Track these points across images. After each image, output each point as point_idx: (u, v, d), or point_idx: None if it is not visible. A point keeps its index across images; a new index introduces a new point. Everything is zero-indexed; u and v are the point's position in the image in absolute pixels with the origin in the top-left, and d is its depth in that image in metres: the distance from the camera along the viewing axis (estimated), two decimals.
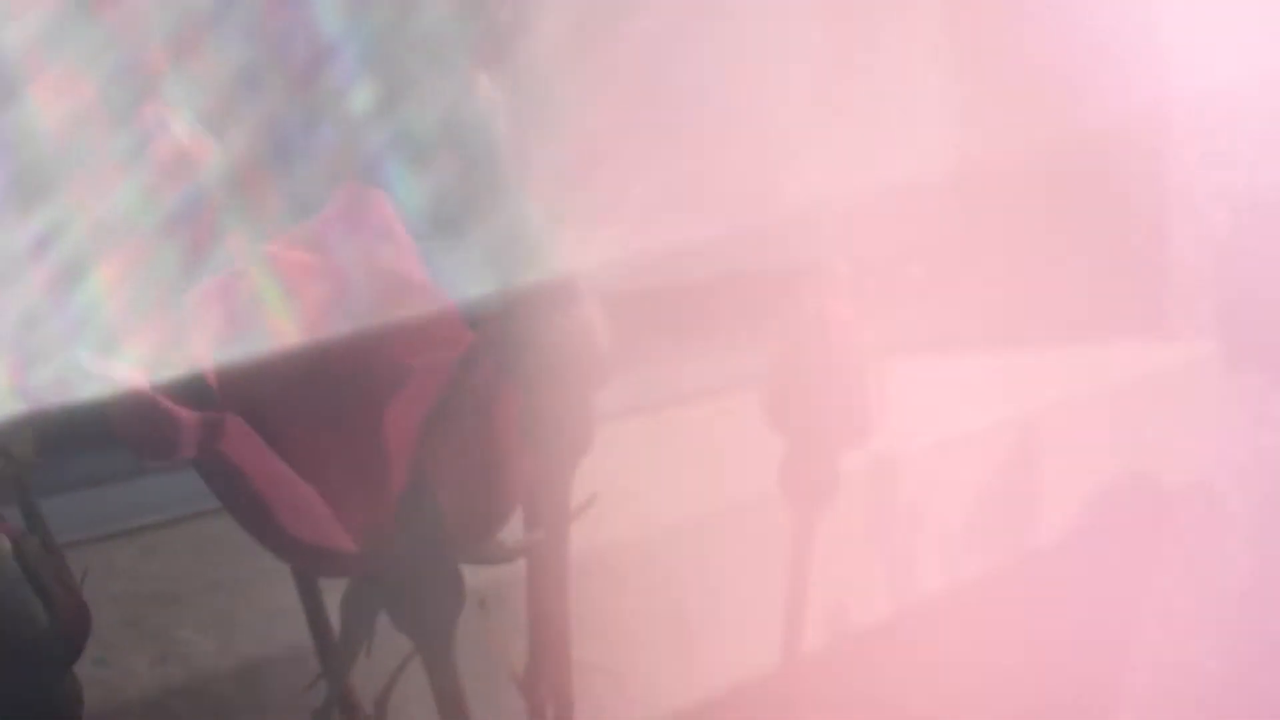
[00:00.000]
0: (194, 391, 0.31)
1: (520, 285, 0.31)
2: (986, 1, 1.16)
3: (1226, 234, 1.21)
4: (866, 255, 0.61)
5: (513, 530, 0.36)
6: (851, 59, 1.14)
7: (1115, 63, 1.13)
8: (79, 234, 0.54)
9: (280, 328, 0.32)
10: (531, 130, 0.34)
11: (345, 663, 0.34)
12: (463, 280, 0.33)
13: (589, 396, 0.33)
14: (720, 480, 0.74)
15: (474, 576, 0.35)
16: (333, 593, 0.38)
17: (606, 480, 0.35)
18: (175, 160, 0.36)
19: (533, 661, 0.38)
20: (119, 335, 0.32)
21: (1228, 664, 1.15)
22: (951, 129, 1.22)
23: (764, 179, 1.15)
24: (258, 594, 0.58)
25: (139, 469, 0.67)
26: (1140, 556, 1.11)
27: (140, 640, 0.55)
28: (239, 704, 0.54)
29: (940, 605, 0.86)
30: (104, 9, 0.59)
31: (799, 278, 0.41)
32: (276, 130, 0.62)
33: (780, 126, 1.16)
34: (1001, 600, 0.93)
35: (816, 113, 1.14)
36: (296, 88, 0.65)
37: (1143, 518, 1.09)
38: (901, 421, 0.59)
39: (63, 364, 0.32)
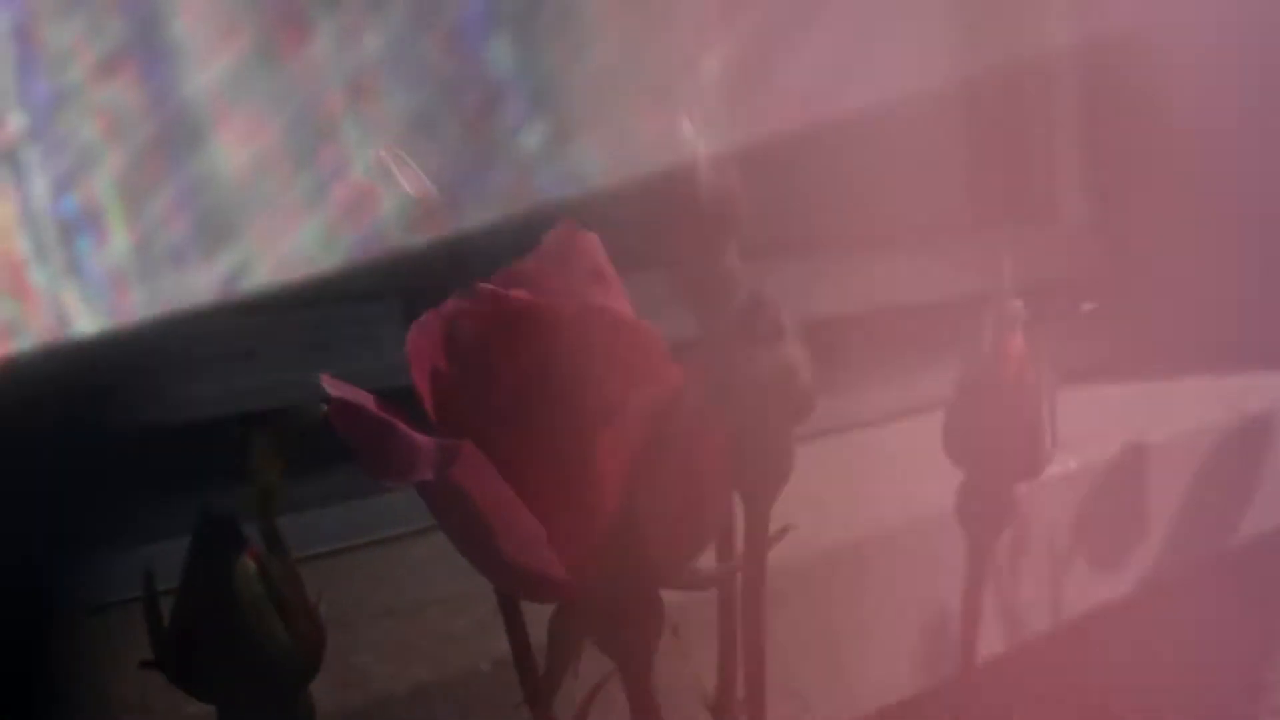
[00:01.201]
0: (416, 420, 0.34)
1: (725, 321, 0.34)
2: None
3: None
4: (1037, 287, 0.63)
5: (706, 559, 0.39)
6: None
7: None
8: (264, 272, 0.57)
9: (499, 362, 0.34)
10: (728, 168, 0.37)
11: (553, 682, 0.37)
12: (670, 316, 0.35)
13: (790, 430, 0.35)
14: (897, 502, 0.76)
15: (668, 606, 0.37)
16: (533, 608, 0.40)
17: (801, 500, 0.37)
18: (418, 203, 0.38)
19: (723, 686, 0.40)
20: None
21: None
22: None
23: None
24: (429, 621, 0.60)
25: (306, 500, 0.69)
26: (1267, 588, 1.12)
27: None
28: None
29: (1092, 626, 0.87)
30: (285, 56, 0.62)
31: (977, 310, 0.43)
32: (452, 171, 0.65)
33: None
34: (1151, 620, 0.94)
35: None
36: (470, 130, 0.68)
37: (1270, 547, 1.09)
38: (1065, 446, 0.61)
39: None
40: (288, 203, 0.61)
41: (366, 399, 0.34)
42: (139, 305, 0.61)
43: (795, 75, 1.12)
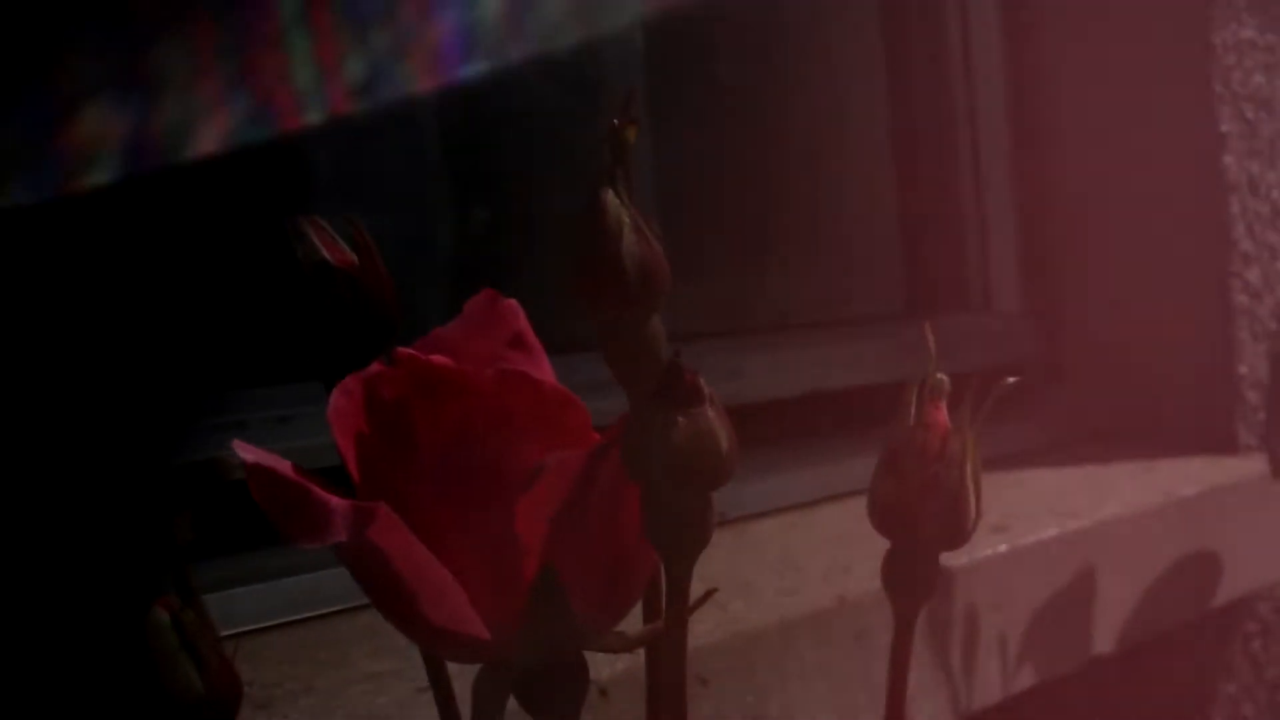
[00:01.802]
0: (338, 482, 0.34)
1: (646, 386, 0.34)
2: None
3: None
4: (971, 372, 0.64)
5: (632, 621, 0.39)
6: None
7: None
8: None
9: (420, 426, 0.35)
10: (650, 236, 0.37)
11: None
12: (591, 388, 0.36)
13: (709, 496, 0.35)
14: (827, 583, 0.77)
15: (595, 667, 0.37)
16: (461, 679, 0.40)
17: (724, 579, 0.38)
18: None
19: None
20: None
21: None
22: None
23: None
24: (350, 700, 0.60)
25: (227, 579, 0.69)
26: (1207, 665, 1.13)
27: None
28: None
29: (1027, 707, 0.88)
30: None
31: (903, 386, 0.44)
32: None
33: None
34: (1066, 707, 0.95)
35: None
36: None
37: (1209, 626, 1.11)
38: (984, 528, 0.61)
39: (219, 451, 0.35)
40: None
41: (282, 464, 0.34)
42: None
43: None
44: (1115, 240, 1.26)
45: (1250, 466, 1.16)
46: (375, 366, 0.36)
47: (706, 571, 0.38)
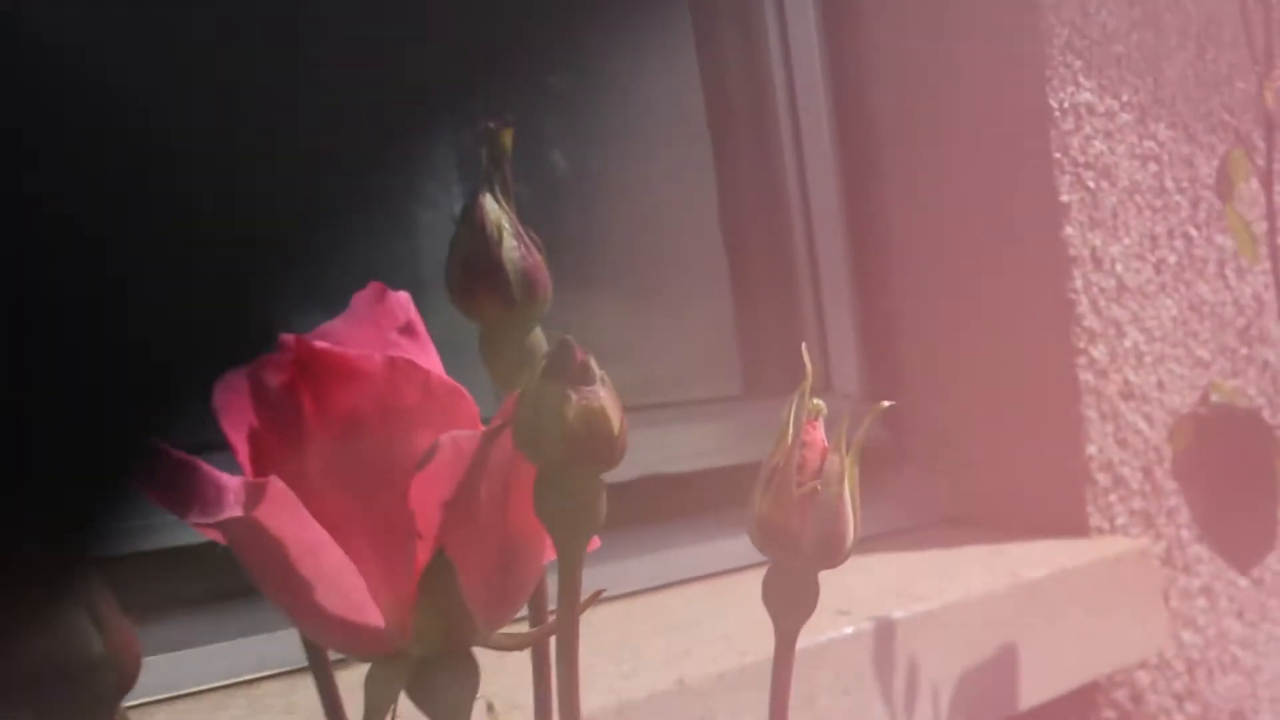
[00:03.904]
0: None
1: (536, 367, 0.37)
2: None
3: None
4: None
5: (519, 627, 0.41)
6: None
7: None
8: None
9: (308, 412, 0.37)
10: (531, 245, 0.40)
11: None
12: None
13: (599, 475, 0.38)
14: (654, 667, 0.79)
15: (484, 683, 0.40)
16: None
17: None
18: None
19: None
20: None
21: None
22: None
23: None
24: None
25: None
26: None
27: None
28: None
29: None
30: None
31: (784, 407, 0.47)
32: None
33: None
34: None
35: None
36: None
37: (1065, 713, 1.14)
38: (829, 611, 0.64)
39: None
40: None
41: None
42: None
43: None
44: (956, 319, 1.30)
45: (1101, 549, 1.21)
46: (260, 357, 0.38)
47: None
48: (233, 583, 0.80)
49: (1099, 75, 1.28)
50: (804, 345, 0.47)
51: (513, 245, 0.41)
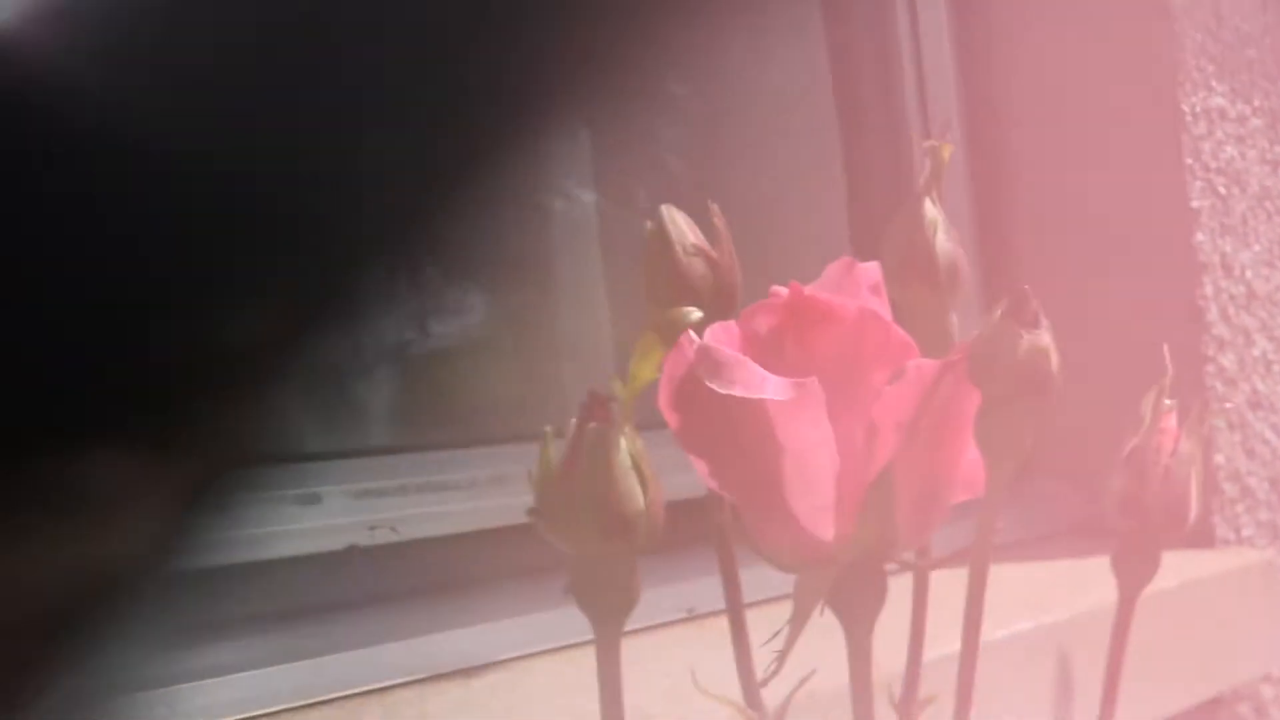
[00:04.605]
0: None
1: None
2: None
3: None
4: None
5: None
6: None
7: None
8: None
9: (789, 347, 0.47)
10: None
11: (793, 636, 0.50)
12: None
13: (1036, 412, 0.48)
14: None
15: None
16: None
17: None
18: None
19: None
20: None
21: None
22: None
23: None
24: None
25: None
26: None
27: None
28: None
29: None
30: None
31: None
32: None
33: None
34: None
35: None
36: None
37: None
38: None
39: None
40: None
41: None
42: None
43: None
44: (1086, 325, 1.36)
45: (1227, 560, 1.27)
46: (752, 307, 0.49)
47: None
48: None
49: (1231, 80, 1.35)
50: (1165, 346, 0.57)
51: (945, 239, 0.53)
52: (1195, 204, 1.32)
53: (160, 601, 0.65)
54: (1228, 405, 0.62)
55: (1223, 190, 1.34)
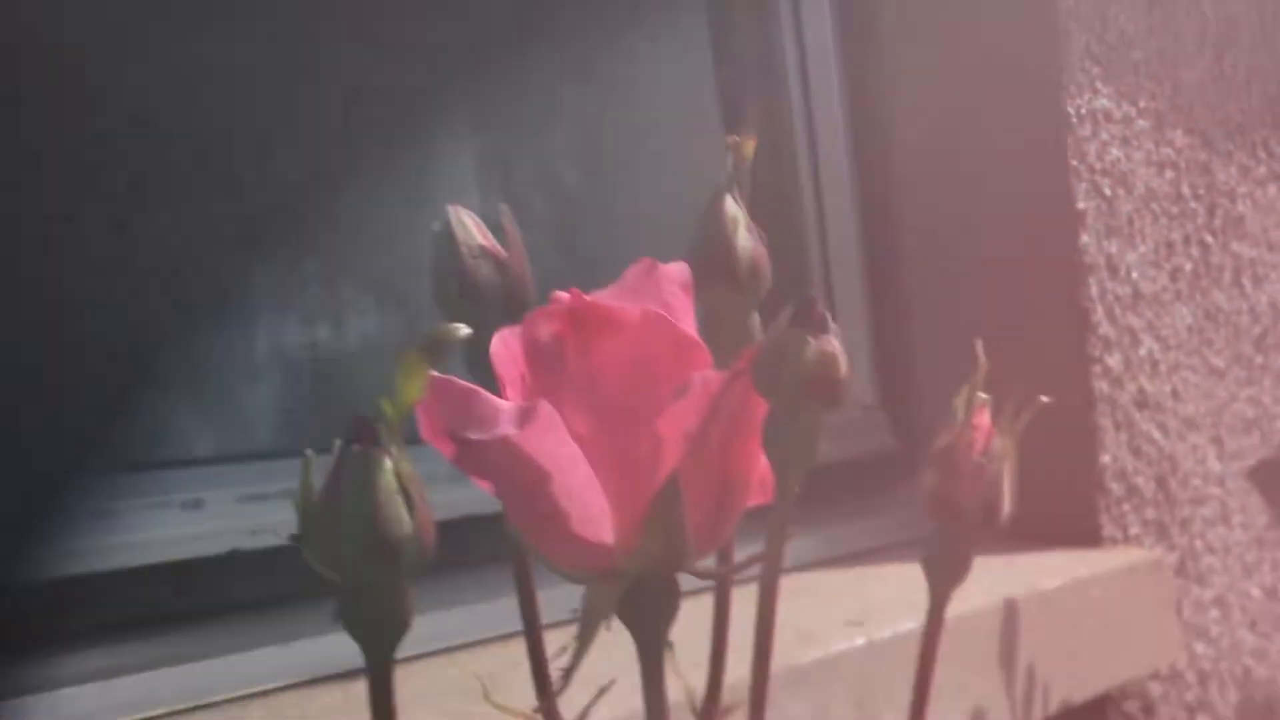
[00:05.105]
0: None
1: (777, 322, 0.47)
2: None
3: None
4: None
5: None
6: None
7: None
8: None
9: (571, 354, 0.47)
10: None
11: (580, 650, 0.50)
12: None
13: (819, 419, 0.49)
14: None
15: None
16: None
17: None
18: None
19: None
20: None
21: None
22: None
23: None
24: None
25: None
26: None
27: None
28: None
29: None
30: None
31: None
32: None
33: None
34: None
35: None
36: None
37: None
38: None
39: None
40: None
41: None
42: None
43: None
44: (971, 328, 1.35)
45: (1113, 559, 1.29)
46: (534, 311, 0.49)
47: None
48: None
49: (1116, 81, 1.36)
50: (978, 342, 0.57)
51: (745, 237, 0.53)
52: (1081, 205, 1.32)
53: (40, 605, 0.65)
54: (1044, 399, 0.61)
55: (1108, 191, 1.35)
